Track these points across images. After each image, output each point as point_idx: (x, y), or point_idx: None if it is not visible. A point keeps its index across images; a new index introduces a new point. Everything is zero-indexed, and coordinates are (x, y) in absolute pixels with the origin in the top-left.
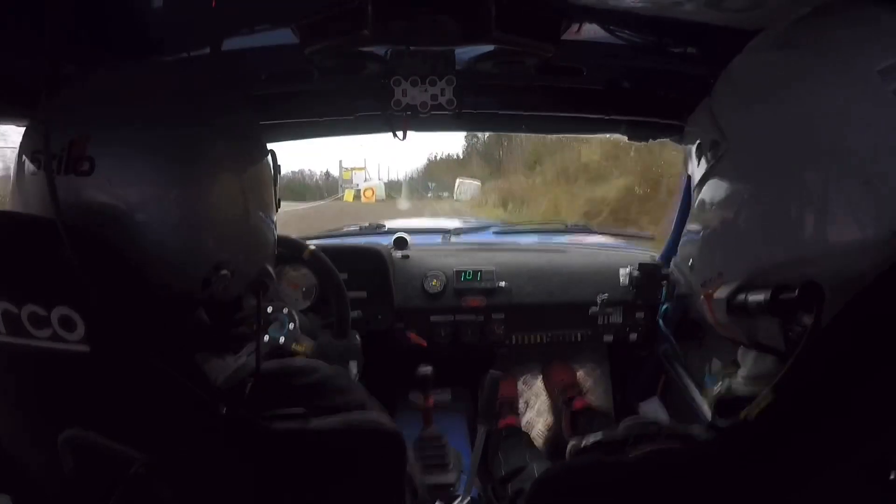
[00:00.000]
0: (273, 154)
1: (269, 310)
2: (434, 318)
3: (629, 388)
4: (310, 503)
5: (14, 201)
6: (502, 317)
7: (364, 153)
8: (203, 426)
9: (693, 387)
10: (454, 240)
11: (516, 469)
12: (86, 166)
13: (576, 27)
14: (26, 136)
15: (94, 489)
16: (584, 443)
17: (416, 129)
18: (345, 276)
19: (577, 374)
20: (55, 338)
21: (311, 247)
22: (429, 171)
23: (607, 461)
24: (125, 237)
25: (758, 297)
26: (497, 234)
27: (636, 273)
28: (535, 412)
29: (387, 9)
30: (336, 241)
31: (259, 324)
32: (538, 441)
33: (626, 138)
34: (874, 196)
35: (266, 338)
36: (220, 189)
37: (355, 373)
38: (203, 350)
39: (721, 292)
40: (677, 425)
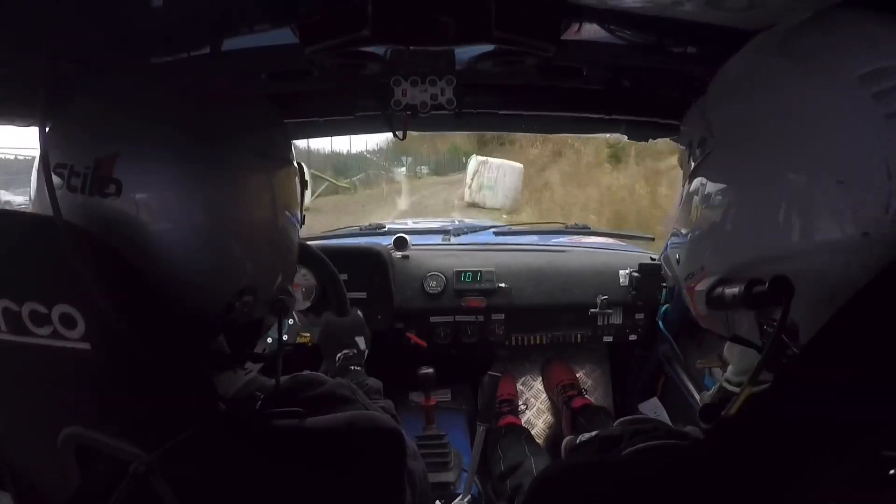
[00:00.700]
0: (301, 168)
1: None
2: (434, 319)
3: (629, 388)
4: (310, 501)
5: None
6: (502, 317)
7: None
8: (203, 424)
9: (692, 387)
10: (454, 240)
11: (515, 464)
12: (112, 189)
13: (576, 27)
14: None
15: (95, 487)
16: (579, 439)
17: (416, 129)
18: (345, 277)
19: (577, 375)
20: (56, 335)
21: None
22: (396, 142)
23: (604, 459)
24: (150, 259)
25: (733, 290)
26: (497, 234)
27: (636, 274)
28: (535, 412)
29: (387, 9)
30: (336, 241)
31: (280, 345)
32: (538, 440)
33: (625, 138)
34: (847, 196)
35: (269, 339)
36: (251, 212)
37: (363, 348)
38: (216, 369)
39: (702, 285)
40: (673, 424)
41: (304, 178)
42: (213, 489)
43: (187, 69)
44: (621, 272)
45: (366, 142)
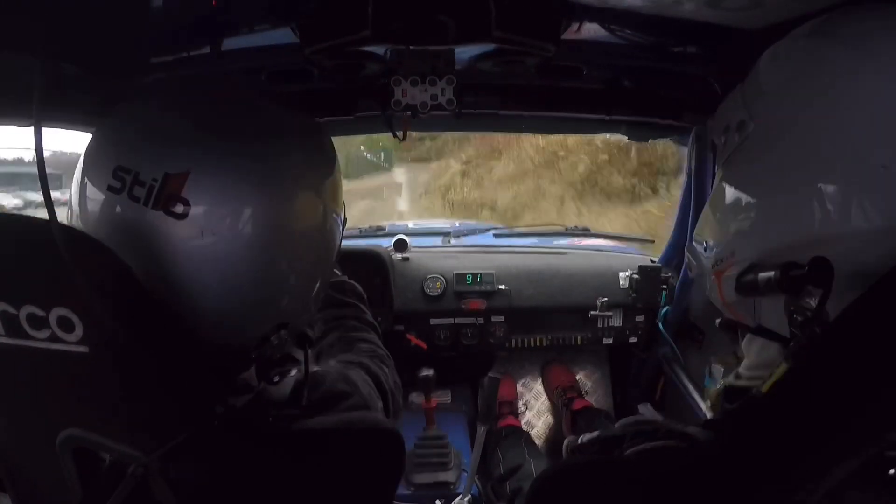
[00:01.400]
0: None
1: None
2: (434, 321)
3: (629, 390)
4: (309, 501)
5: (75, 221)
6: (502, 319)
7: None
8: (201, 426)
9: (692, 389)
10: (454, 242)
11: (514, 467)
12: (180, 208)
13: (576, 27)
14: (94, 152)
15: (93, 489)
16: (580, 440)
17: (416, 129)
18: (345, 279)
19: (577, 377)
20: (54, 338)
21: None
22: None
23: (605, 460)
24: (192, 286)
25: (768, 275)
26: (497, 236)
27: (636, 276)
28: (535, 413)
29: (387, 9)
30: None
31: (306, 375)
32: (538, 441)
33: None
34: (891, 181)
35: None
36: (304, 248)
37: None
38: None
39: (732, 271)
40: (674, 424)
41: (345, 217)
42: (213, 490)
43: (230, 77)
44: (621, 274)
45: None
